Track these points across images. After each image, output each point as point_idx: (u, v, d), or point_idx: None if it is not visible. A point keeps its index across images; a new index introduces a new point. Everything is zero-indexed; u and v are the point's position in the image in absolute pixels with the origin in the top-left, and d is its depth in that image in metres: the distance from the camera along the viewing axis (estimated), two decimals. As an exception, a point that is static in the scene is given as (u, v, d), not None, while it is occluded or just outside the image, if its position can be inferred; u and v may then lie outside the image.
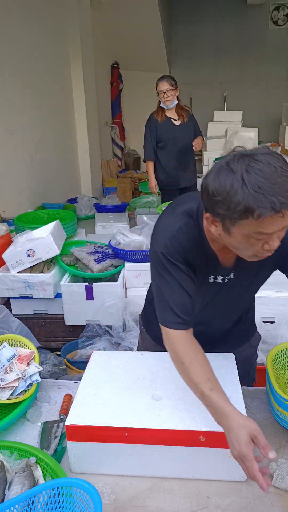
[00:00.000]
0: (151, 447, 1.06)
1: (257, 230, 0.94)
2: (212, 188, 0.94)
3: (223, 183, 0.92)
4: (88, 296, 2.62)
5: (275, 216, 0.90)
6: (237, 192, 0.90)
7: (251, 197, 0.89)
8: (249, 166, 0.90)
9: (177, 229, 1.10)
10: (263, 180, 0.88)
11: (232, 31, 7.42)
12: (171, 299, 1.11)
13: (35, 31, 4.18)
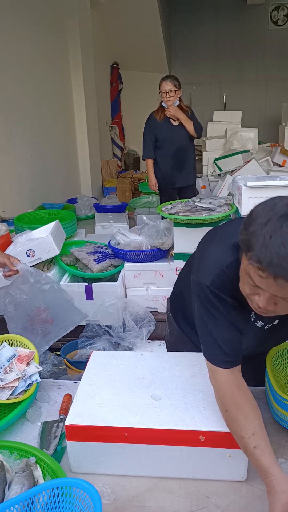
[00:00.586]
0: (151, 447, 1.06)
1: (248, 272, 0.90)
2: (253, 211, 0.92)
3: (259, 208, 0.90)
4: (88, 296, 2.62)
5: (260, 272, 0.85)
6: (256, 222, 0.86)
7: (258, 240, 0.84)
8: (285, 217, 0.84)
9: (227, 264, 1.03)
10: (280, 237, 0.82)
11: (232, 31, 7.42)
12: (218, 335, 1.05)
13: (35, 31, 4.18)
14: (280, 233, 0.82)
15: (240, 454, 1.04)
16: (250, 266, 0.88)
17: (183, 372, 1.23)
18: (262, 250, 0.83)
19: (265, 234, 0.83)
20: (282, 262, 0.81)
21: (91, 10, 5.44)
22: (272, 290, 0.87)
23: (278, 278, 0.83)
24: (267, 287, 0.87)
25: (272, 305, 0.91)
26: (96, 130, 6.00)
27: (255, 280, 0.88)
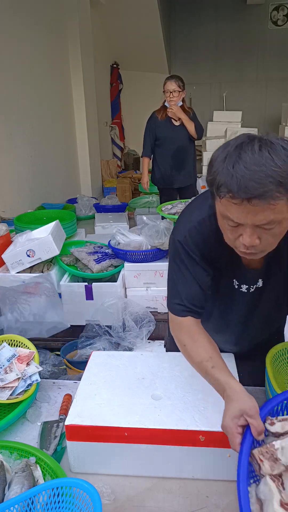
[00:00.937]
0: (151, 447, 1.06)
1: (225, 213, 0.92)
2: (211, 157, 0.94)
3: (215, 153, 0.92)
4: (88, 296, 2.62)
5: (234, 202, 0.87)
6: (216, 163, 0.90)
7: (221, 173, 0.87)
8: (241, 146, 0.88)
9: (199, 220, 1.07)
10: (241, 162, 0.85)
11: (231, 31, 7.42)
12: (182, 288, 1.11)
13: (35, 31, 4.18)
14: (240, 159, 0.85)
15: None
16: (224, 205, 0.90)
17: (183, 372, 1.23)
18: (228, 180, 0.85)
19: (227, 167, 0.86)
20: (250, 182, 0.83)
21: (91, 10, 5.44)
22: (251, 219, 0.88)
23: (252, 199, 0.85)
24: (246, 218, 0.89)
25: (256, 240, 0.92)
26: (96, 130, 6.00)
27: (233, 217, 0.90)
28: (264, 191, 0.83)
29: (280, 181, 0.84)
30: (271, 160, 0.84)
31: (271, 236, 0.93)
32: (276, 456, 0.83)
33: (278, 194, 0.84)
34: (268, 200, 0.84)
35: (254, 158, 0.84)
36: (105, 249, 2.90)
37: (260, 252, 0.97)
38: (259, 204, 0.85)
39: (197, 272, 1.10)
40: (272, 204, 0.85)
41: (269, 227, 0.90)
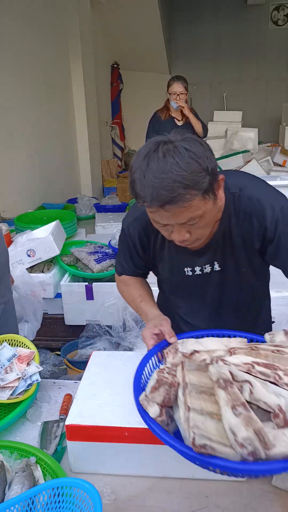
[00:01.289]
0: (151, 446, 1.06)
1: (151, 217, 0.99)
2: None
3: (133, 160, 0.97)
4: (88, 296, 2.62)
5: (151, 211, 0.94)
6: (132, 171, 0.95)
7: (137, 183, 0.93)
8: (150, 154, 0.92)
9: (143, 212, 1.10)
10: (150, 171, 0.90)
11: (232, 31, 7.42)
12: (123, 262, 1.32)
13: (35, 31, 4.18)
14: (148, 169, 0.90)
15: (240, 454, 1.04)
16: (148, 212, 0.97)
17: (183, 372, 1.23)
18: (142, 191, 0.91)
19: (139, 177, 0.92)
20: (160, 190, 0.88)
21: (91, 10, 5.43)
22: (173, 220, 0.95)
23: (165, 206, 0.91)
24: (168, 220, 0.95)
25: (186, 234, 0.99)
26: (97, 130, 6.00)
27: (158, 220, 0.97)
28: (173, 196, 0.88)
29: (187, 184, 0.88)
30: (176, 164, 0.88)
31: (198, 229, 0.99)
32: (176, 348, 1.05)
33: (189, 196, 0.90)
34: (179, 204, 0.90)
35: (160, 166, 0.89)
36: (105, 249, 2.90)
37: (196, 241, 1.04)
38: (172, 208, 0.91)
39: (134, 259, 1.28)
40: (185, 206, 0.91)
41: (192, 223, 0.96)
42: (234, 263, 1.16)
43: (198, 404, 0.83)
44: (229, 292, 1.23)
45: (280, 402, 0.81)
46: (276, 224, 1.06)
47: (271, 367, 0.90)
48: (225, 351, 1.03)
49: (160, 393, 0.89)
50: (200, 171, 0.90)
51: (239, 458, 0.75)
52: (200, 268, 1.18)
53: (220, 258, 1.16)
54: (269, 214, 1.05)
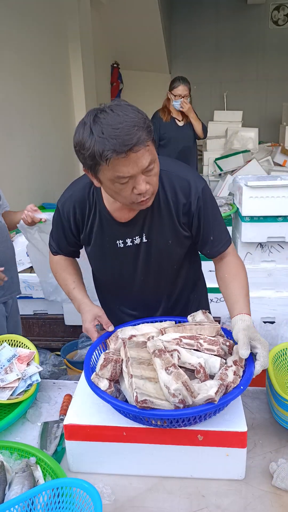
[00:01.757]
0: (149, 446, 1.06)
1: (115, 174, 1.06)
2: (73, 143, 1.09)
3: (78, 135, 1.06)
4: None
5: (122, 158, 1.02)
6: (86, 140, 1.04)
7: (96, 143, 1.02)
8: (96, 117, 1.04)
9: (77, 191, 1.30)
10: (106, 126, 1.01)
11: (232, 31, 7.41)
12: (56, 238, 1.42)
13: (35, 31, 4.18)
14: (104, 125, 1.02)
15: (238, 453, 1.05)
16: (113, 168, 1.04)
17: (183, 372, 1.24)
18: (108, 144, 1.01)
19: (97, 137, 1.02)
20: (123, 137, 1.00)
21: (91, 10, 5.43)
22: (136, 166, 1.05)
23: (133, 148, 1.02)
24: (133, 168, 1.05)
25: (147, 185, 1.11)
26: (97, 130, 5.99)
27: (123, 173, 1.06)
28: (137, 138, 1.02)
29: (142, 126, 1.03)
30: (125, 115, 1.03)
31: (154, 176, 1.12)
32: (117, 335, 1.25)
33: (146, 137, 1.04)
34: (143, 144, 1.03)
35: (113, 119, 1.02)
36: (105, 249, 2.89)
37: (151, 196, 1.16)
38: (139, 149, 1.03)
39: (67, 234, 1.37)
40: (147, 145, 1.05)
41: (151, 167, 1.09)
42: (160, 235, 1.29)
43: (139, 372, 1.04)
44: (156, 262, 1.34)
45: (201, 361, 1.08)
46: (198, 200, 1.25)
47: (194, 338, 1.17)
48: (157, 332, 1.24)
49: (108, 369, 1.08)
50: (145, 117, 1.07)
51: (172, 407, 0.97)
52: (131, 239, 1.30)
53: (147, 229, 1.29)
54: (193, 191, 1.24)
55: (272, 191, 2.36)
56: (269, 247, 2.52)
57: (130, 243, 1.30)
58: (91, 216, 1.30)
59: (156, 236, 1.29)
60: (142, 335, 1.24)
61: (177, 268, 1.41)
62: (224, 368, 1.08)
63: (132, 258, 1.34)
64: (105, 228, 1.30)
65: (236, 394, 1.02)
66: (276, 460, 1.09)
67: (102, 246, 1.34)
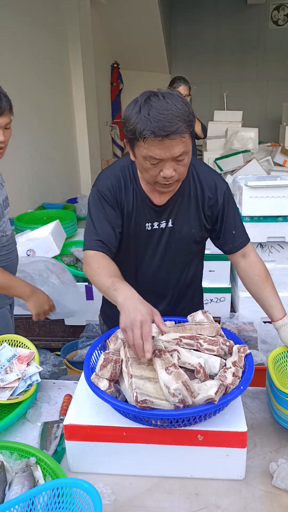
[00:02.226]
0: (149, 446, 1.06)
1: (148, 154, 1.15)
2: (122, 115, 1.19)
3: (127, 110, 1.17)
4: (88, 296, 2.62)
5: (157, 141, 1.12)
6: (133, 116, 1.14)
7: (140, 121, 1.12)
8: (148, 99, 1.13)
9: (114, 172, 1.36)
10: (154, 109, 1.11)
11: (232, 31, 7.41)
12: (98, 227, 1.33)
13: (34, 31, 4.18)
14: (152, 107, 1.12)
15: (238, 453, 1.05)
16: (147, 147, 1.14)
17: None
18: (149, 124, 1.11)
19: (144, 115, 1.12)
20: (166, 123, 1.10)
21: (91, 10, 5.43)
22: (169, 152, 1.14)
23: (170, 135, 1.11)
24: (165, 153, 1.14)
25: (173, 172, 1.19)
26: (97, 130, 5.99)
27: (155, 155, 1.15)
28: (177, 127, 1.11)
29: (184, 119, 1.12)
30: (174, 105, 1.12)
31: (182, 166, 1.20)
32: (117, 336, 1.24)
33: (185, 130, 1.13)
34: (180, 134, 1.12)
35: (162, 105, 1.12)
36: (105, 249, 2.89)
37: (175, 183, 1.24)
38: (175, 138, 1.12)
39: (109, 213, 1.33)
40: (183, 137, 1.13)
41: (182, 158, 1.17)
42: (186, 222, 1.38)
43: (138, 372, 1.04)
44: (175, 249, 1.41)
45: (200, 361, 1.09)
46: (224, 195, 1.38)
47: (194, 338, 1.18)
48: (157, 332, 1.21)
49: (107, 369, 1.08)
50: (191, 112, 1.16)
51: (172, 407, 0.98)
52: (158, 223, 1.37)
53: (174, 215, 1.37)
54: (219, 188, 1.37)
55: (272, 191, 2.36)
56: (269, 247, 2.52)
57: (157, 226, 1.37)
58: (127, 195, 1.34)
59: (181, 223, 1.37)
60: None
61: (189, 261, 1.48)
62: (223, 370, 1.09)
63: (156, 241, 1.39)
64: (138, 209, 1.35)
65: (236, 394, 1.02)
66: (276, 460, 1.09)
67: (129, 227, 1.37)
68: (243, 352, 1.16)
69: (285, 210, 2.40)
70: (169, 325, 1.31)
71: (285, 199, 2.37)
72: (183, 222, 1.38)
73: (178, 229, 1.38)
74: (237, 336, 1.28)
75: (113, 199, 1.33)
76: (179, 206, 1.36)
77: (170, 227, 1.38)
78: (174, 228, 1.38)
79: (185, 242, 1.41)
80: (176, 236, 1.39)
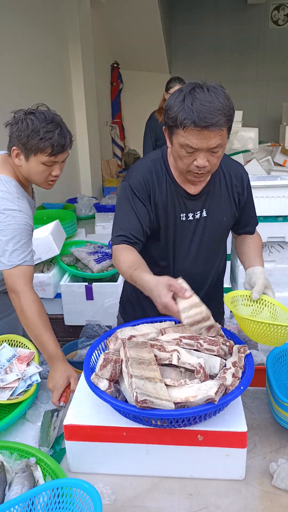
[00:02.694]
0: (149, 446, 1.06)
1: (185, 142, 1.19)
2: (165, 104, 1.23)
3: (171, 99, 1.21)
4: (88, 296, 2.61)
5: (196, 131, 1.16)
6: (175, 105, 1.18)
7: (183, 110, 1.16)
8: (193, 89, 1.17)
9: (145, 165, 1.39)
10: (197, 100, 1.15)
11: (232, 31, 7.41)
12: (123, 221, 1.35)
13: (35, 31, 4.17)
14: (196, 98, 1.16)
15: (238, 453, 1.05)
16: (186, 135, 1.18)
17: (183, 372, 1.24)
18: (191, 114, 1.15)
19: (187, 105, 1.16)
20: (207, 114, 1.14)
21: (91, 10, 5.43)
22: (205, 143, 1.18)
23: (209, 127, 1.15)
24: (202, 144, 1.18)
25: (206, 162, 1.23)
26: (96, 130, 5.99)
27: (192, 144, 1.19)
28: (217, 120, 1.15)
29: (225, 113, 1.17)
30: (216, 98, 1.16)
31: (216, 158, 1.24)
32: (116, 336, 1.23)
33: (224, 124, 1.17)
34: (218, 127, 1.16)
35: (205, 97, 1.15)
36: (105, 249, 2.90)
37: (207, 174, 1.29)
38: (214, 130, 1.16)
39: (139, 208, 1.34)
40: (222, 130, 1.18)
41: (217, 150, 1.21)
42: (218, 210, 1.43)
43: (138, 372, 1.04)
44: (210, 237, 1.45)
45: (200, 361, 1.09)
46: (248, 185, 1.49)
47: (194, 338, 1.18)
48: (157, 332, 1.26)
49: (107, 369, 1.09)
50: (232, 107, 1.20)
51: (172, 407, 0.97)
52: (193, 214, 1.40)
53: (208, 205, 1.41)
54: (244, 178, 1.47)
55: (272, 191, 2.36)
56: (269, 247, 2.52)
57: (192, 217, 1.40)
58: (160, 186, 1.37)
59: (214, 212, 1.42)
60: (142, 335, 1.24)
61: (221, 252, 1.55)
62: (223, 371, 1.09)
63: (191, 232, 1.42)
64: (173, 200, 1.38)
65: (236, 394, 1.02)
66: (276, 460, 1.09)
67: (163, 219, 1.39)
68: (243, 352, 1.16)
69: (285, 210, 2.40)
70: (169, 325, 1.31)
71: (285, 199, 2.37)
72: (216, 211, 1.43)
73: (212, 218, 1.43)
74: (237, 336, 1.27)
75: (145, 194, 1.35)
76: (212, 195, 1.41)
77: (204, 217, 1.42)
78: (208, 217, 1.42)
79: (218, 231, 1.47)
80: (210, 226, 1.43)
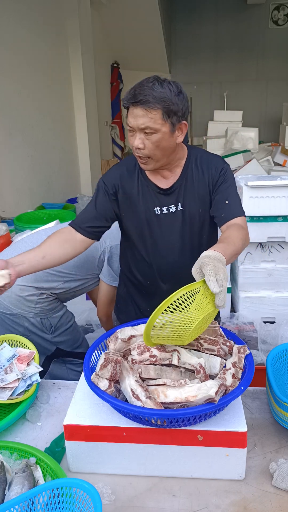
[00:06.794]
0: (149, 446, 1.06)
1: (127, 121, 1.28)
2: None
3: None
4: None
5: (131, 109, 1.25)
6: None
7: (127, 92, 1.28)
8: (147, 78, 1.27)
9: (121, 163, 1.50)
10: (139, 83, 1.26)
11: (232, 31, 7.42)
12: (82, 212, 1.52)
13: (35, 31, 4.18)
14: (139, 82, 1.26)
15: (238, 453, 1.04)
16: (127, 117, 1.27)
17: (183, 372, 1.24)
18: (128, 93, 1.27)
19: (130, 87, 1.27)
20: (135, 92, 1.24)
21: (91, 10, 5.43)
22: (135, 122, 1.25)
23: (135, 104, 1.23)
24: (133, 121, 1.26)
25: (141, 144, 1.29)
26: (96, 130, 5.99)
27: (129, 122, 1.27)
28: (146, 99, 1.22)
29: (155, 96, 1.22)
30: (156, 84, 1.23)
31: (151, 143, 1.28)
32: (116, 336, 1.23)
33: (152, 105, 1.22)
34: (145, 105, 1.22)
35: (146, 81, 1.25)
36: (105, 249, 2.89)
37: (149, 160, 1.33)
38: (139, 106, 1.23)
39: (99, 200, 1.47)
40: (147, 110, 1.23)
41: (148, 131, 1.26)
42: (193, 202, 1.46)
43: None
44: (190, 229, 1.48)
45: (201, 361, 1.10)
46: (220, 172, 1.46)
47: None
48: None
49: (108, 369, 1.08)
50: (170, 97, 1.24)
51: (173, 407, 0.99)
52: (167, 207, 1.45)
53: (182, 198, 1.45)
54: (219, 167, 1.46)
55: (272, 191, 2.36)
56: (269, 247, 2.52)
57: (166, 211, 1.46)
58: (131, 181, 1.45)
59: (190, 203, 1.46)
60: (142, 335, 1.24)
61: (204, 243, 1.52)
62: (223, 371, 1.09)
63: (169, 224, 1.47)
64: (144, 194, 1.45)
65: (236, 395, 1.02)
66: (276, 460, 1.09)
67: (138, 212, 1.46)
68: (243, 352, 1.16)
69: (285, 210, 2.40)
70: None
71: (285, 199, 2.37)
72: (191, 203, 1.46)
73: (188, 210, 1.46)
74: (237, 336, 1.27)
75: (111, 187, 1.45)
76: (185, 188, 1.45)
77: (181, 210, 1.46)
78: (184, 210, 1.46)
79: (197, 221, 1.48)
80: (187, 218, 1.47)
